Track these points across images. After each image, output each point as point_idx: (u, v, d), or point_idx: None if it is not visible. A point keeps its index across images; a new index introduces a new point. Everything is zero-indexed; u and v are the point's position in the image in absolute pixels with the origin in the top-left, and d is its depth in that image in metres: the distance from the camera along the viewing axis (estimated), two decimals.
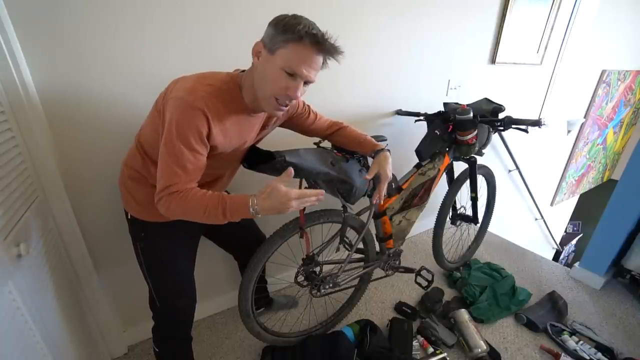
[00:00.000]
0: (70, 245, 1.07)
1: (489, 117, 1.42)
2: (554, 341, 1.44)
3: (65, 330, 0.92)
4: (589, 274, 1.83)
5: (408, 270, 1.54)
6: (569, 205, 4.10)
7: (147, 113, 0.89)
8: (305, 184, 1.14)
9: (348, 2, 1.35)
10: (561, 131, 3.08)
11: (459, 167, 1.66)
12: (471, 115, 1.38)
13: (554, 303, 1.62)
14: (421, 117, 1.59)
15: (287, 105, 0.84)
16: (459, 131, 1.44)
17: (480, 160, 1.65)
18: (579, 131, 3.26)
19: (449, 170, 1.67)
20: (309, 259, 1.21)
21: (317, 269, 1.23)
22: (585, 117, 3.18)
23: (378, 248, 1.45)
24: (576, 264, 1.91)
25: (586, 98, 3.10)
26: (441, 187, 1.65)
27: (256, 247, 1.10)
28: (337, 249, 1.34)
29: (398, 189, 1.38)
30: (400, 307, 1.59)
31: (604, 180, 4.37)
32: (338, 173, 1.07)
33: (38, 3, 0.85)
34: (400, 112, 1.76)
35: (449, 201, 1.65)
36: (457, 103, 1.55)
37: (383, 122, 1.76)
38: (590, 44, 2.65)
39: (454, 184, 1.65)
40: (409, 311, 1.56)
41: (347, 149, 1.16)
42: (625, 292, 1.78)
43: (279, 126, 1.08)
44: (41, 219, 0.90)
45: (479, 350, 1.32)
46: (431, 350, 1.35)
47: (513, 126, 1.37)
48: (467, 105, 1.47)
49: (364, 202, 1.30)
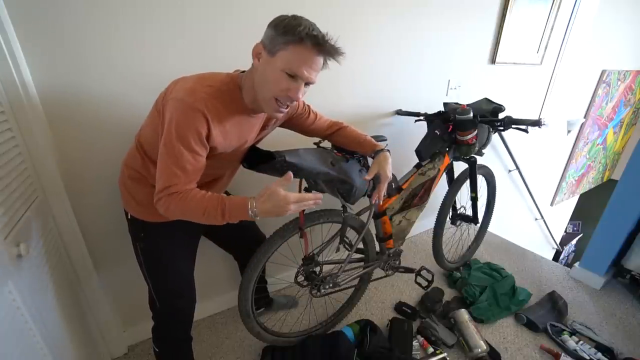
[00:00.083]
0: (70, 245, 1.07)
1: (489, 117, 1.42)
2: (554, 341, 1.44)
3: (65, 330, 0.92)
4: (589, 274, 1.83)
5: (408, 270, 1.54)
6: (569, 205, 4.10)
7: (147, 113, 0.89)
8: (305, 184, 1.14)
9: (348, 2, 1.35)
10: (561, 131, 3.08)
11: (459, 167, 1.66)
12: (471, 115, 1.38)
13: (554, 303, 1.62)
14: (421, 117, 1.59)
15: (288, 106, 0.84)
16: (459, 131, 1.44)
17: (480, 160, 1.65)
18: (579, 131, 3.25)
19: (449, 170, 1.67)
20: (309, 259, 1.21)
21: (317, 269, 1.23)
22: (585, 117, 3.18)
23: (378, 248, 1.45)
24: (576, 264, 1.91)
25: (586, 98, 3.10)
26: (441, 187, 1.65)
27: (256, 247, 1.10)
28: (337, 249, 1.33)
29: (398, 189, 1.38)
30: (400, 307, 1.60)
31: (604, 180, 4.36)
32: (338, 173, 1.07)
33: (38, 3, 0.85)
34: (400, 112, 1.76)
35: (449, 201, 1.65)
36: (457, 103, 1.55)
37: (383, 122, 1.76)
38: (590, 44, 2.65)
39: (454, 184, 1.65)
40: (409, 311, 1.56)
41: (347, 149, 1.16)
42: (625, 292, 1.78)
43: (279, 126, 1.08)
44: (41, 219, 0.90)
45: (479, 350, 1.32)
46: (431, 350, 1.35)
47: (513, 126, 1.37)
48: (467, 105, 1.47)
49: (364, 202, 1.30)
